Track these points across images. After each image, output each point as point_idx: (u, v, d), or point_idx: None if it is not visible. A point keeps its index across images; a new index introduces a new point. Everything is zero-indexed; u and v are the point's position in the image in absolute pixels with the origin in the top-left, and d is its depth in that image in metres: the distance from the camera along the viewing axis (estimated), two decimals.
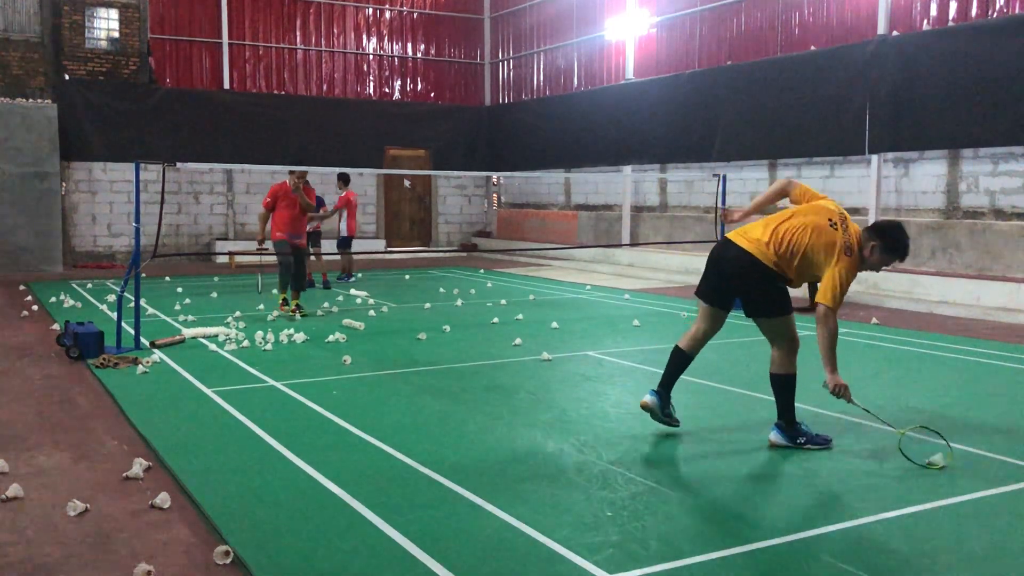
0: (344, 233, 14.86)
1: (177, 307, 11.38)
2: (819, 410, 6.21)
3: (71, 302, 11.67)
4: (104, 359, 7.67)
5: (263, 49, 20.85)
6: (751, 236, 5.36)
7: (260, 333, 8.99)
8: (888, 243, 5.15)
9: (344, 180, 15.28)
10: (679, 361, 5.53)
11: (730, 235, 5.48)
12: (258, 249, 11.84)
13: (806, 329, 10.10)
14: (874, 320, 10.81)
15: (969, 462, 5.05)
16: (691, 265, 16.50)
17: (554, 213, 21.35)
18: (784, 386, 5.37)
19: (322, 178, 20.52)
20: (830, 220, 5.21)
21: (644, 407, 5.51)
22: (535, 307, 11.85)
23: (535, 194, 22.66)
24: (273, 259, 18.28)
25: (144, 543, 3.87)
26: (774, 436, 5.35)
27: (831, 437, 5.40)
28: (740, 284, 5.34)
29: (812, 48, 14.92)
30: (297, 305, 10.74)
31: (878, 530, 3.99)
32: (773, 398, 5.44)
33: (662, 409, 5.50)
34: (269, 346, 8.59)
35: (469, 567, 3.58)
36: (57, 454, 5.17)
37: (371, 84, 22.28)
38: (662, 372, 5.57)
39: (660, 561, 3.63)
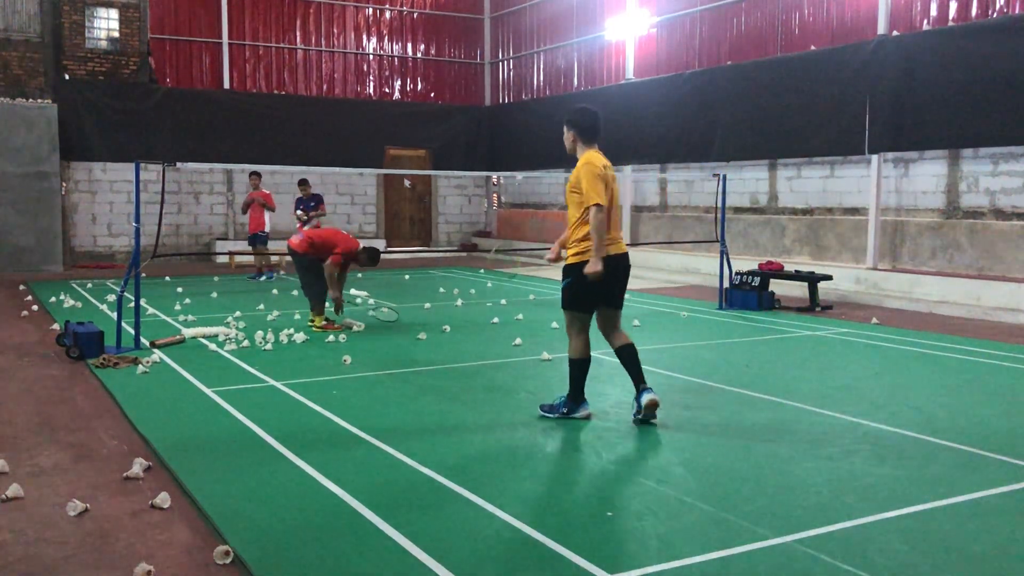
0: (261, 230, 15.05)
1: (177, 307, 11.38)
2: (818, 410, 6.21)
3: (71, 302, 11.67)
4: (104, 359, 7.67)
5: (263, 49, 20.85)
6: (618, 239, 5.89)
7: (260, 333, 8.99)
8: (577, 126, 6.00)
9: (260, 176, 15.46)
10: (587, 366, 5.95)
11: (612, 249, 5.78)
12: (259, 249, 11.78)
13: (806, 329, 10.12)
14: (874, 320, 10.81)
15: (969, 462, 5.05)
16: (691, 265, 16.50)
17: (554, 213, 21.34)
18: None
19: (322, 178, 20.54)
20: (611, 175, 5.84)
21: (653, 405, 5.74)
22: (535, 307, 11.85)
23: (535, 194, 22.66)
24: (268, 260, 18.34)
25: (144, 543, 3.87)
26: (654, 394, 5.79)
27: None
28: (627, 280, 6.00)
29: (812, 48, 14.91)
30: (325, 319, 9.85)
31: (878, 530, 3.99)
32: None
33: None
34: (269, 346, 8.59)
35: (469, 567, 3.58)
36: (57, 454, 5.17)
37: (371, 84, 22.27)
38: (575, 387, 5.91)
39: (660, 561, 3.63)
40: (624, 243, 5.97)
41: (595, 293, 5.82)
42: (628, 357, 5.90)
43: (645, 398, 5.74)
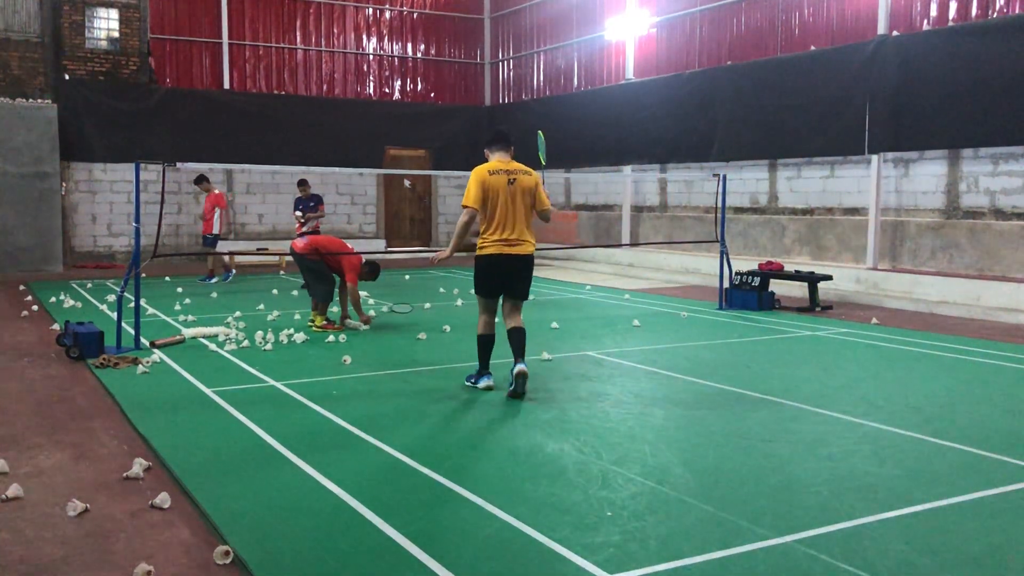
0: (216, 231, 15.02)
1: (177, 307, 11.38)
2: (818, 410, 6.21)
3: (71, 302, 11.67)
4: (104, 359, 7.67)
5: (263, 49, 20.84)
6: (525, 239, 6.71)
7: (260, 333, 8.99)
8: (489, 141, 6.86)
9: (207, 180, 15.38)
10: (489, 344, 6.78)
11: (504, 249, 6.61)
12: (258, 249, 11.84)
13: (806, 329, 10.12)
14: (874, 320, 10.81)
15: (969, 462, 5.05)
16: (691, 265, 16.50)
17: (554, 213, 21.31)
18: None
19: (322, 178, 20.54)
20: (509, 179, 6.63)
21: (521, 375, 6.52)
22: (535, 307, 11.84)
23: None
24: (268, 260, 18.36)
25: (144, 543, 3.87)
26: (523, 366, 6.55)
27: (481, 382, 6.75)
28: (526, 277, 6.74)
29: (812, 48, 14.91)
30: (326, 319, 9.85)
31: (878, 530, 4.00)
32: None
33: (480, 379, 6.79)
34: (269, 346, 8.59)
35: (469, 567, 3.58)
36: (57, 454, 5.17)
37: (371, 84, 22.27)
38: (480, 361, 6.80)
39: (660, 561, 3.64)
40: (527, 245, 6.70)
41: (491, 283, 6.71)
42: (516, 338, 6.68)
43: (515, 368, 6.52)
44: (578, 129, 19.56)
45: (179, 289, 13.49)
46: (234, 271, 15.50)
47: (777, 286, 12.58)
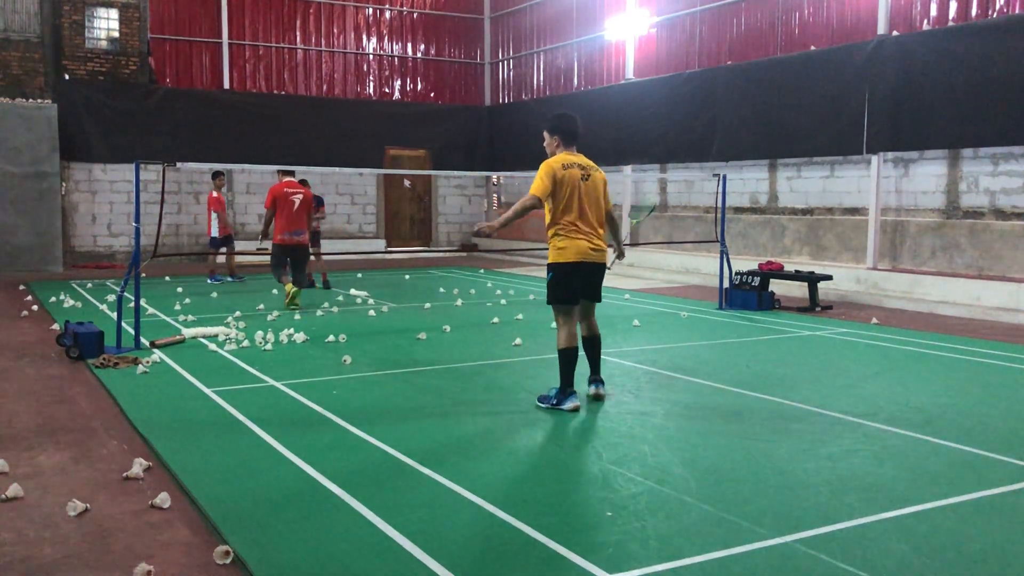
0: (216, 233, 14.98)
1: (177, 307, 11.38)
2: (819, 410, 6.21)
3: (71, 302, 11.66)
4: (104, 359, 7.67)
5: (263, 49, 20.85)
6: (597, 245, 6.22)
7: (260, 333, 8.99)
8: (559, 131, 6.44)
9: (222, 175, 15.36)
10: (575, 358, 6.21)
11: (585, 257, 6.16)
12: (258, 249, 12.16)
13: (806, 329, 10.12)
14: (874, 320, 10.81)
15: (969, 462, 5.05)
16: (691, 265, 16.51)
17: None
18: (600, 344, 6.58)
19: (322, 178, 20.53)
20: (583, 173, 6.25)
21: (598, 398, 6.41)
22: (536, 307, 11.84)
23: None
24: (268, 260, 18.32)
25: (144, 543, 3.87)
26: (603, 389, 6.47)
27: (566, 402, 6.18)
28: (599, 281, 6.38)
29: (812, 48, 14.91)
30: (292, 300, 11.31)
31: (878, 530, 3.99)
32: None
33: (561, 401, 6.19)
34: (269, 346, 8.59)
35: (469, 567, 3.58)
36: (57, 454, 5.17)
37: (371, 84, 22.27)
38: (563, 376, 6.19)
39: (660, 561, 3.63)
40: (600, 249, 6.25)
41: (572, 286, 6.20)
42: (591, 348, 6.51)
43: (592, 390, 6.45)
44: None
45: (179, 289, 13.49)
46: (228, 277, 15.33)
47: (777, 286, 12.58)
